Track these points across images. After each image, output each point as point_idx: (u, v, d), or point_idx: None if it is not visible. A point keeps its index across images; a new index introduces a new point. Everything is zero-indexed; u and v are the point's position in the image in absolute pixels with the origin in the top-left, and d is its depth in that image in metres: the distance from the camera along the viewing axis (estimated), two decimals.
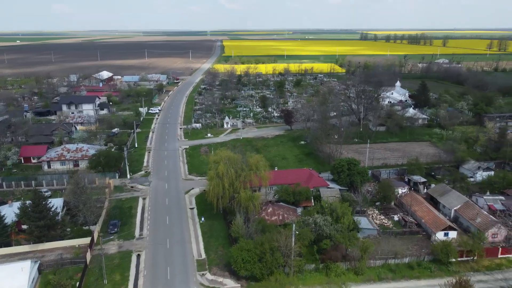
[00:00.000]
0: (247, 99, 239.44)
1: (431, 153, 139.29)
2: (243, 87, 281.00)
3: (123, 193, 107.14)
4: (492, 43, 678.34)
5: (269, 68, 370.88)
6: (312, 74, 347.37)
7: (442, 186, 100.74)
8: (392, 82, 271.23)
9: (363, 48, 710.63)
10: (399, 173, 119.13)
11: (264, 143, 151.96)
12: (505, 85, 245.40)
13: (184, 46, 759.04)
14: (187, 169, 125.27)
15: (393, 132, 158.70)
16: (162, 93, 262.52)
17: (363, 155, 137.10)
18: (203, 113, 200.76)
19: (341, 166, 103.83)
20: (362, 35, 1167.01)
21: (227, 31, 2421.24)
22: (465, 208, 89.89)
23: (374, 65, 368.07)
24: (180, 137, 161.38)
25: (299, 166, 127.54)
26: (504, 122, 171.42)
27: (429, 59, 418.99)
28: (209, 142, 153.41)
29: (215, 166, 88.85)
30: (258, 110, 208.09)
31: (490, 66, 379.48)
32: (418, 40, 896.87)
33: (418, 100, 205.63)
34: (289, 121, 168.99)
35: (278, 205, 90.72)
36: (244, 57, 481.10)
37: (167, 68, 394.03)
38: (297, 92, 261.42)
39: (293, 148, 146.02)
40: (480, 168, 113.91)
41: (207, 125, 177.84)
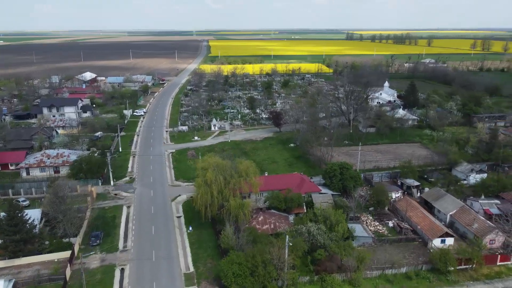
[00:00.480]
0: (235, 100, 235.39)
1: (422, 155, 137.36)
2: (230, 88, 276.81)
3: (107, 201, 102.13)
4: (476, 43, 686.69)
5: (256, 69, 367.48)
6: (299, 74, 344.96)
7: (437, 190, 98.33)
8: (380, 82, 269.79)
9: (349, 48, 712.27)
10: (392, 176, 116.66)
11: (253, 146, 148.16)
12: (491, 85, 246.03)
13: (170, 46, 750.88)
14: (174, 175, 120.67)
15: (384, 134, 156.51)
16: (147, 95, 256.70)
17: (354, 158, 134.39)
18: (189, 115, 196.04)
19: (333, 171, 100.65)
20: (348, 35, 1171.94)
21: (213, 31, 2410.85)
22: (461, 213, 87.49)
23: (361, 65, 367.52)
24: (166, 141, 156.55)
25: (289, 170, 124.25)
26: (493, 123, 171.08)
27: (416, 59, 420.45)
28: (196, 146, 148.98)
29: (203, 173, 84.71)
30: (246, 112, 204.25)
31: (475, 66, 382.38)
32: (403, 40, 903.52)
33: (407, 101, 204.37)
34: (278, 123, 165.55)
35: (269, 213, 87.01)
36: (230, 57, 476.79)
37: (153, 69, 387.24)
38: (285, 92, 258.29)
39: (283, 151, 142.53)
40: (473, 171, 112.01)
41: (194, 128, 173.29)
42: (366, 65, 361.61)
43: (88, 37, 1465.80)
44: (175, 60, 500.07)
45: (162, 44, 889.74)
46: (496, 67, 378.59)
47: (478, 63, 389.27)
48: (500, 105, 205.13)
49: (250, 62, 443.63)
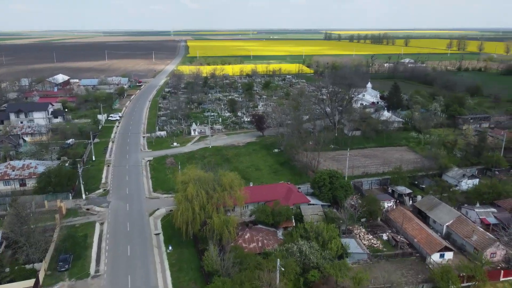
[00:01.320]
0: (215, 103, 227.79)
1: (410, 159, 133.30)
2: (210, 90, 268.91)
3: (77, 218, 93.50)
4: (452, 42, 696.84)
5: (236, 69, 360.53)
6: (280, 75, 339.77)
7: (430, 199, 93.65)
8: (362, 83, 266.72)
9: (328, 48, 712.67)
10: (381, 183, 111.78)
11: (235, 152, 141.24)
12: (472, 85, 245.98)
13: (147, 47, 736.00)
14: (152, 186, 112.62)
15: (370, 137, 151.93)
16: (123, 98, 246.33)
17: (341, 163, 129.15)
18: (168, 119, 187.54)
19: (323, 180, 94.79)
20: (326, 35, 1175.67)
21: (191, 31, 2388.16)
22: (458, 223, 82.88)
23: (342, 65, 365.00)
24: (143, 147, 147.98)
25: (274, 178, 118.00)
26: (477, 124, 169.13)
27: (395, 59, 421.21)
28: (176, 152, 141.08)
29: (183, 187, 77.39)
30: (227, 115, 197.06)
31: (453, 66, 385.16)
32: (381, 40, 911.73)
33: (390, 102, 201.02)
34: (260, 127, 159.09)
35: (256, 229, 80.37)
36: (209, 58, 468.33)
37: (129, 70, 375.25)
38: (267, 94, 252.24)
39: (267, 157, 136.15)
40: (465, 176, 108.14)
41: (172, 133, 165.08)
42: (347, 65, 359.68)
43: (62, 37, 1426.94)
44: (153, 61, 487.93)
45: (139, 44, 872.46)
46: (474, 67, 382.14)
47: (456, 62, 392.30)
48: (482, 106, 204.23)
49: (229, 62, 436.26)
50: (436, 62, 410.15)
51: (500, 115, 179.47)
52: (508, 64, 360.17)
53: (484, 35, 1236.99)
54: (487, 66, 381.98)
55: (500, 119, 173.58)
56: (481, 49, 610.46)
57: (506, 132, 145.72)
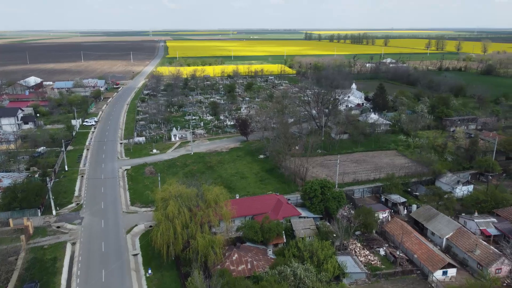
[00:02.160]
0: (196, 105, 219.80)
1: (400, 164, 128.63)
2: (191, 92, 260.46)
3: (46, 238, 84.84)
4: (430, 42, 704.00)
5: (217, 70, 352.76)
6: (262, 76, 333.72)
7: (427, 209, 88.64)
8: (346, 84, 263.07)
9: (309, 48, 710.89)
10: (374, 191, 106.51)
11: (219, 158, 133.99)
12: (455, 85, 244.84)
13: (125, 47, 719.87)
14: (129, 198, 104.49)
15: (358, 141, 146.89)
16: (100, 101, 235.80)
17: (330, 169, 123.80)
18: (147, 124, 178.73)
19: (314, 191, 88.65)
20: (307, 35, 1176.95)
21: (170, 31, 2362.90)
22: (458, 236, 77.97)
23: (325, 66, 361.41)
24: (121, 155, 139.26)
25: (261, 187, 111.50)
26: (464, 125, 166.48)
27: (377, 59, 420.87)
28: (155, 160, 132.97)
29: (163, 205, 69.97)
30: (209, 119, 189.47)
31: (434, 66, 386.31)
32: (360, 40, 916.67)
33: (376, 104, 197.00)
34: (245, 132, 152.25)
35: (245, 248, 73.54)
36: (189, 59, 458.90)
37: (106, 72, 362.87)
38: (249, 96, 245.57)
39: (252, 164, 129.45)
40: (460, 182, 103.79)
41: (152, 139, 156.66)
42: (330, 65, 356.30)
43: (37, 37, 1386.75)
44: (131, 62, 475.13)
45: (117, 45, 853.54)
46: (454, 67, 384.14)
47: (437, 62, 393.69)
48: (467, 106, 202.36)
49: (210, 63, 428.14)
50: (417, 62, 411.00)
51: (487, 116, 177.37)
52: (487, 64, 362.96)
53: (460, 35, 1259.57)
54: (467, 66, 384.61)
55: (487, 121, 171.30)
56: (459, 49, 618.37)
57: (496, 135, 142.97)
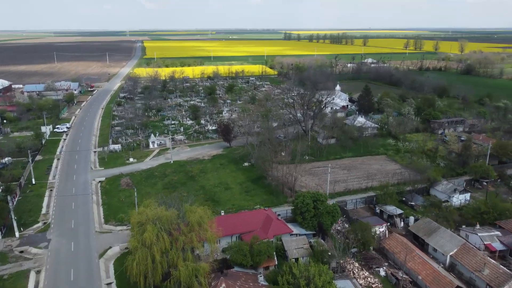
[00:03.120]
0: (175, 109, 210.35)
1: (391, 170, 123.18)
2: (169, 94, 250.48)
3: (7, 266, 74.95)
4: (409, 42, 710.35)
5: (196, 72, 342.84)
6: (243, 77, 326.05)
7: (427, 222, 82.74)
8: (330, 85, 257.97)
9: (289, 48, 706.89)
10: (367, 201, 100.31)
11: (201, 167, 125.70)
12: (438, 86, 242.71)
13: (101, 48, 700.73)
14: (103, 215, 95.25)
15: (346, 146, 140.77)
16: (73, 105, 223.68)
17: (319, 178, 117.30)
18: (123, 130, 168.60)
19: (306, 205, 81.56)
20: (286, 35, 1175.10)
21: (148, 31, 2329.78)
22: (463, 253, 72.18)
23: (306, 66, 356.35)
24: (94, 165, 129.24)
25: (246, 198, 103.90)
26: (452, 128, 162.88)
27: (359, 60, 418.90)
28: (132, 170, 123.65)
29: (139, 230, 61.46)
30: (189, 123, 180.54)
31: (415, 66, 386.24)
32: (340, 40, 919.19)
33: (361, 106, 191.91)
34: (227, 138, 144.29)
35: (233, 275, 65.68)
36: (168, 60, 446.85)
37: (81, 74, 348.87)
38: (231, 98, 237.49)
39: (237, 173, 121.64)
40: (457, 191, 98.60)
41: (128, 146, 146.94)
42: (311, 66, 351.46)
43: (8, 38, 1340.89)
44: (107, 63, 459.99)
45: (92, 45, 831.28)
46: (434, 66, 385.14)
47: (417, 62, 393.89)
48: (452, 107, 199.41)
49: (189, 64, 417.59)
50: (398, 62, 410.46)
51: (473, 118, 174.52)
52: (467, 64, 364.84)
53: (436, 35, 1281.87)
54: (447, 66, 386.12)
55: (474, 122, 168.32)
56: (436, 49, 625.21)
57: (488, 138, 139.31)
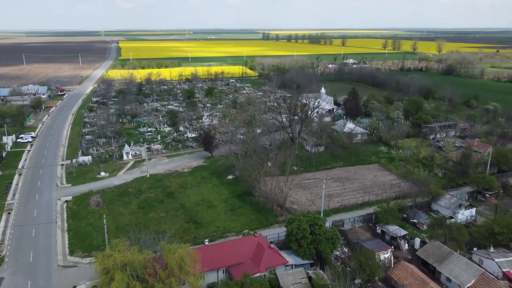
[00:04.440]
0: (151, 114, 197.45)
1: (386, 181, 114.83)
2: (145, 98, 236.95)
3: None
4: (387, 42, 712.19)
5: (174, 73, 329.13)
6: (223, 79, 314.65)
7: (437, 246, 73.90)
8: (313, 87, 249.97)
9: (268, 49, 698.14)
10: (366, 219, 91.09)
11: (180, 181, 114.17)
12: (424, 87, 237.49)
13: (74, 49, 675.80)
14: (68, 244, 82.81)
15: (337, 154, 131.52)
16: (41, 111, 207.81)
17: (310, 191, 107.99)
18: (94, 139, 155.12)
19: (302, 231, 71.49)
20: (264, 35, 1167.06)
21: (123, 31, 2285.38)
22: (482, 285, 63.49)
23: (287, 67, 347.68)
24: (61, 181, 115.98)
25: (232, 218, 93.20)
26: (444, 133, 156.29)
27: (340, 60, 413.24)
28: (103, 186, 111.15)
29: (106, 279, 49.97)
30: (167, 130, 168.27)
31: (396, 66, 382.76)
32: (318, 40, 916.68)
33: (348, 109, 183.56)
34: (209, 148, 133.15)
35: None
36: (144, 61, 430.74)
37: (51, 77, 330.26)
38: (211, 102, 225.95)
39: (220, 187, 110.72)
40: (462, 206, 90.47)
41: (99, 158, 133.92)
42: (293, 67, 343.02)
43: None
44: (80, 65, 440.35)
45: (65, 46, 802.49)
46: (416, 67, 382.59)
47: (399, 62, 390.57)
48: (440, 110, 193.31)
49: (166, 65, 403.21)
50: (379, 62, 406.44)
51: (464, 122, 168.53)
52: (448, 64, 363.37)
53: (412, 35, 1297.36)
54: (428, 66, 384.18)
55: (465, 126, 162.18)
56: (415, 49, 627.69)
57: (482, 144, 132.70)
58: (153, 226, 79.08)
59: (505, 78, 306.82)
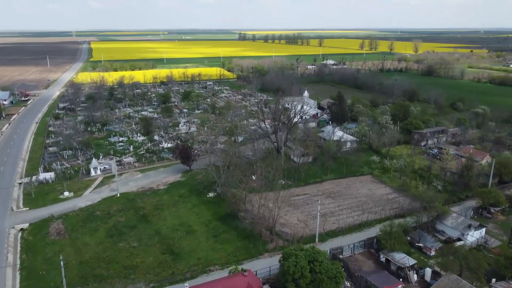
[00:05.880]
0: (124, 121, 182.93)
1: (383, 195, 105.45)
2: (117, 103, 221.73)
3: None
4: (364, 42, 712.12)
5: (148, 76, 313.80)
6: (200, 81, 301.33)
7: (454, 281, 64.06)
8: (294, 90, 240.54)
9: (246, 49, 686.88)
10: (366, 244, 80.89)
11: (155, 201, 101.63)
12: (408, 89, 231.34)
13: (42, 50, 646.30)
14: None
15: (327, 166, 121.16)
16: (1, 120, 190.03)
17: (301, 211, 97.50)
18: (59, 151, 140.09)
19: (300, 269, 60.56)
20: (240, 35, 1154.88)
21: (96, 31, 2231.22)
22: None
23: (266, 68, 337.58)
24: (17, 204, 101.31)
25: (216, 247, 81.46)
26: (435, 139, 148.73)
27: (320, 61, 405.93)
28: (66, 210, 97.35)
29: None
30: (140, 140, 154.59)
31: (376, 67, 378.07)
32: (295, 40, 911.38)
33: (334, 114, 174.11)
34: (187, 161, 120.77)
35: None
36: (116, 62, 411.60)
37: (15, 80, 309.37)
38: (188, 107, 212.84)
39: (200, 208, 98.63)
40: (472, 227, 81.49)
41: (64, 174, 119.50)
42: (272, 68, 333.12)
43: None
44: (48, 67, 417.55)
45: (33, 47, 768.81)
46: (395, 67, 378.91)
47: (378, 63, 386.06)
48: (426, 113, 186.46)
49: (140, 67, 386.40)
50: (359, 63, 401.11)
51: (454, 126, 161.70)
52: (428, 65, 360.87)
53: (386, 35, 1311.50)
54: (408, 67, 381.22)
55: (456, 131, 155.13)
56: (391, 49, 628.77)
57: (478, 152, 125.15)
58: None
59: (485, 78, 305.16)
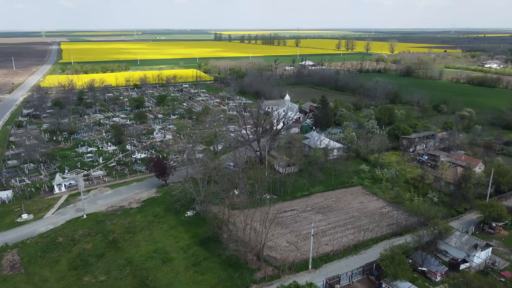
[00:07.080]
0: (93, 129, 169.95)
1: (376, 209, 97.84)
2: (87, 109, 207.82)
3: None
4: (340, 42, 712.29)
5: (120, 79, 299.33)
6: (176, 84, 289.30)
7: None
8: (275, 93, 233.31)
9: (222, 50, 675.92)
10: (365, 270, 72.56)
11: (127, 223, 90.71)
12: (390, 91, 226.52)
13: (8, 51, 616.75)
14: None
15: (315, 177, 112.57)
16: None
17: (290, 230, 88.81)
18: (19, 165, 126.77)
19: None
20: (216, 35, 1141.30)
21: (66, 31, 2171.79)
22: None
23: (244, 70, 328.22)
24: None
25: (196, 278, 71.73)
26: (424, 144, 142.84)
27: (298, 62, 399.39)
28: (24, 236, 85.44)
29: None
30: (111, 150, 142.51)
31: (355, 67, 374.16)
32: (272, 41, 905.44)
33: (318, 119, 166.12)
34: (162, 175, 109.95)
35: None
36: (87, 64, 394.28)
37: None
38: (163, 112, 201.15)
39: (178, 230, 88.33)
40: (478, 247, 74.36)
41: (23, 192, 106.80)
42: (250, 70, 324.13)
43: None
44: (13, 70, 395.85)
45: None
46: (374, 68, 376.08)
47: (357, 64, 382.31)
48: (411, 116, 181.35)
49: (112, 69, 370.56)
50: (338, 63, 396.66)
51: (442, 131, 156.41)
52: (406, 66, 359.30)
53: (361, 35, 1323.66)
54: (386, 67, 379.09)
55: (444, 136, 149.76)
56: (368, 49, 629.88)
57: (471, 159, 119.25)
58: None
59: (463, 79, 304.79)
